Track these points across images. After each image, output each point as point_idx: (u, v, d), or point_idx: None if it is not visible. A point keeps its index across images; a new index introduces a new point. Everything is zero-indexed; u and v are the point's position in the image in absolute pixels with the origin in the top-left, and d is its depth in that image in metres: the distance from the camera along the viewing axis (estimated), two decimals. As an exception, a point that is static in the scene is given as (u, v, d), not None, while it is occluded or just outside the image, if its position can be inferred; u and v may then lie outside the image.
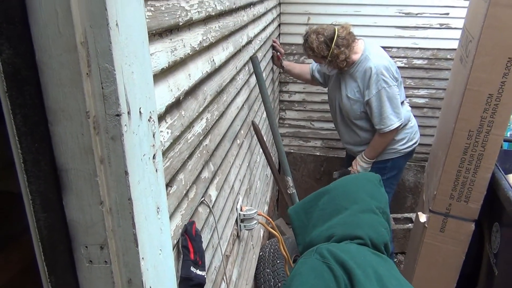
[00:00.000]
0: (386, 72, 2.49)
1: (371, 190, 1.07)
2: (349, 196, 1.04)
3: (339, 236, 0.97)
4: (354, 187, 1.07)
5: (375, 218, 1.01)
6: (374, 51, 2.61)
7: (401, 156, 2.76)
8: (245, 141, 1.97)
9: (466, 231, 2.06)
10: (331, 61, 2.56)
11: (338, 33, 2.56)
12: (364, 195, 1.05)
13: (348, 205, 1.02)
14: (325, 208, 1.05)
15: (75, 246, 0.73)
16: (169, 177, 0.97)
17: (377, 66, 2.50)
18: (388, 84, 2.48)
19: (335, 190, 1.08)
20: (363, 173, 1.21)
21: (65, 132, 0.65)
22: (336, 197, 1.06)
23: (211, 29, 1.28)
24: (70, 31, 0.60)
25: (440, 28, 3.22)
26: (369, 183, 1.10)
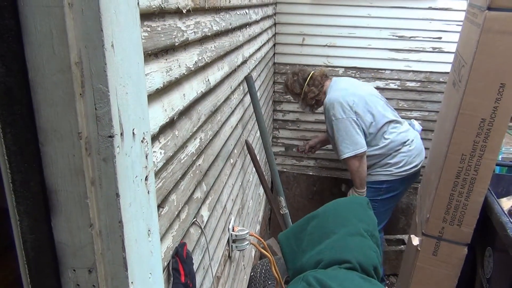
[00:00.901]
0: (337, 105, 2.66)
1: (360, 213, 1.08)
2: (337, 220, 1.04)
3: (327, 261, 0.96)
4: (342, 211, 1.08)
5: (363, 241, 1.01)
6: (335, 87, 2.80)
7: (398, 179, 2.77)
8: (238, 160, 1.96)
9: (459, 255, 2.05)
10: (303, 98, 2.87)
11: (313, 75, 2.85)
12: (353, 218, 1.05)
13: (336, 229, 1.02)
14: (314, 232, 1.05)
15: (62, 269, 0.71)
16: (161, 198, 0.95)
17: (329, 99, 2.72)
18: (336, 117, 2.66)
19: (324, 214, 1.08)
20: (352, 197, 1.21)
21: (56, 152, 0.64)
22: (325, 221, 1.06)
23: (207, 49, 1.28)
24: (64, 51, 0.59)
25: (432, 52, 3.27)
26: (357, 206, 1.10)
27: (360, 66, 3.40)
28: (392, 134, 2.72)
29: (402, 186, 2.82)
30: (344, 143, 2.66)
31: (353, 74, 3.43)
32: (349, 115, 2.62)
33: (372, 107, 2.69)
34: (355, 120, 2.63)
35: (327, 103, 2.72)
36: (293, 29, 3.38)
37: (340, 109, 2.64)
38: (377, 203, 2.84)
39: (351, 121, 2.63)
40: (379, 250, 1.03)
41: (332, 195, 3.78)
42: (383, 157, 2.75)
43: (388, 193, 2.82)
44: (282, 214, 2.25)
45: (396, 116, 2.85)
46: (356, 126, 2.63)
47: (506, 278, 1.75)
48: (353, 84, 2.85)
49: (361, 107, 2.65)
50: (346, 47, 3.36)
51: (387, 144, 2.71)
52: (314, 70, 2.91)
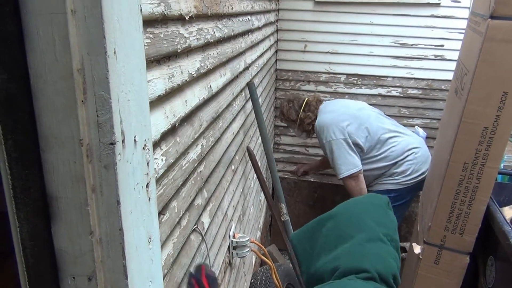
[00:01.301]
0: (327, 127, 2.70)
1: (378, 216, 1.00)
2: (355, 223, 0.98)
3: (344, 269, 0.90)
4: (359, 213, 1.01)
5: (382, 247, 0.93)
6: (324, 110, 2.85)
7: (406, 187, 2.75)
8: (239, 167, 1.96)
9: (461, 263, 2.03)
10: (300, 124, 2.91)
11: (307, 101, 2.91)
12: (371, 221, 0.97)
13: (354, 233, 0.95)
14: (329, 235, 0.99)
15: (62, 277, 0.70)
16: (162, 205, 0.95)
17: (319, 123, 2.77)
18: (327, 139, 2.69)
19: (340, 215, 1.01)
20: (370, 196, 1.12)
21: (57, 159, 0.64)
22: (341, 223, 0.99)
23: (209, 55, 1.28)
24: (67, 58, 0.59)
25: (435, 59, 3.27)
26: (376, 208, 1.03)
27: (362, 73, 3.40)
28: (392, 145, 2.71)
29: (410, 194, 2.81)
30: (338, 164, 2.68)
31: (355, 81, 3.43)
32: (339, 136, 2.65)
33: (364, 121, 2.71)
34: (346, 140, 2.64)
35: (317, 126, 2.77)
36: (295, 35, 3.39)
37: (330, 131, 2.67)
38: None
39: (342, 142, 2.65)
40: (398, 255, 0.97)
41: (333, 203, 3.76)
42: (388, 168, 2.74)
43: (396, 202, 2.81)
44: (283, 221, 2.24)
45: (394, 124, 2.85)
46: (347, 146, 2.65)
47: (508, 287, 1.74)
48: (341, 105, 2.88)
49: (352, 124, 2.67)
50: (348, 54, 3.37)
51: (388, 155, 2.71)
52: (308, 96, 2.97)
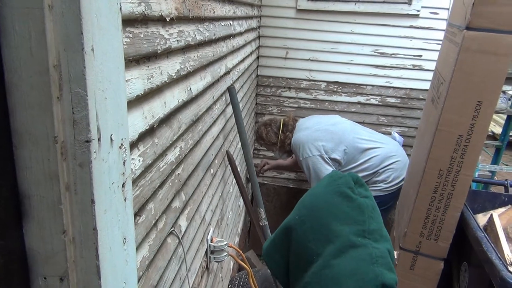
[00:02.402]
0: (302, 145, 2.75)
1: (345, 210, 0.83)
2: (319, 235, 0.81)
3: None
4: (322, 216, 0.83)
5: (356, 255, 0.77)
6: (299, 127, 2.89)
7: (389, 193, 2.79)
8: (219, 171, 1.95)
9: (435, 269, 2.07)
10: (281, 146, 2.92)
11: (284, 122, 2.94)
12: (337, 224, 0.80)
13: (320, 248, 0.80)
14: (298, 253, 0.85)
15: (32, 277, 0.69)
16: (138, 206, 0.94)
17: (294, 141, 2.84)
18: (303, 156, 2.75)
19: (303, 225, 0.85)
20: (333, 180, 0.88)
21: (30, 156, 0.63)
22: (305, 238, 0.83)
23: (189, 58, 1.28)
24: (43, 54, 0.58)
25: (413, 69, 3.33)
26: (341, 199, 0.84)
27: (342, 81, 3.44)
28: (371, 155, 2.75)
29: (392, 200, 2.85)
30: (315, 181, 2.72)
31: (335, 88, 3.47)
32: (315, 153, 2.70)
33: (340, 136, 2.75)
34: (321, 156, 2.69)
35: (293, 144, 2.82)
36: (277, 42, 3.41)
37: (306, 148, 2.72)
38: None
39: (318, 158, 2.69)
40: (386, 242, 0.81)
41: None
42: (370, 178, 2.78)
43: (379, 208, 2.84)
44: (262, 226, 2.24)
45: (370, 133, 2.90)
46: (323, 162, 2.69)
47: (481, 293, 1.78)
48: (315, 121, 2.93)
49: (327, 141, 2.71)
50: (328, 62, 3.40)
51: (368, 166, 2.75)
52: (283, 117, 3.02)
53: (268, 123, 2.98)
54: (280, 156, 3.04)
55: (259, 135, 3.01)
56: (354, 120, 3.47)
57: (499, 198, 2.37)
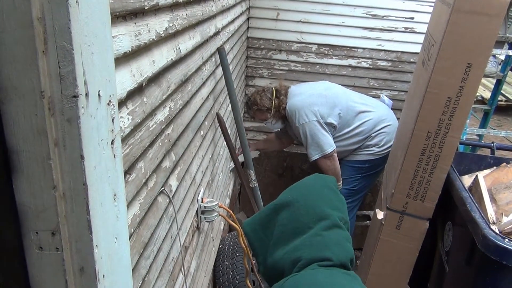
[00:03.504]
0: (298, 111, 2.72)
1: (332, 200, 1.01)
2: (312, 211, 0.97)
3: (306, 260, 0.91)
4: (315, 200, 1.00)
5: (340, 233, 0.95)
6: (293, 93, 2.86)
7: (380, 157, 2.84)
8: (209, 133, 1.95)
9: (421, 229, 2.13)
10: (276, 110, 2.86)
11: (276, 88, 2.90)
12: (327, 208, 0.98)
13: (312, 223, 0.95)
14: (286, 225, 0.98)
15: (24, 232, 0.70)
16: (128, 165, 0.94)
17: (289, 107, 2.80)
18: (299, 122, 2.72)
19: (296, 203, 1.00)
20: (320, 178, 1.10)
21: (17, 111, 0.62)
22: (298, 213, 0.98)
23: (178, 16, 1.25)
24: (26, 5, 0.57)
25: (404, 32, 3.31)
26: (329, 191, 1.03)
27: (333, 44, 3.41)
28: (363, 120, 2.78)
29: (384, 163, 2.89)
30: (312, 147, 2.72)
31: (326, 51, 3.44)
32: (312, 118, 2.68)
33: (334, 100, 2.75)
34: (318, 121, 2.68)
35: (288, 110, 2.78)
36: (267, 3, 3.34)
37: (302, 113, 2.69)
38: (357, 180, 2.92)
39: (315, 123, 2.68)
40: (351, 234, 1.01)
41: (301, 171, 3.83)
42: (363, 142, 2.81)
43: (371, 171, 2.91)
44: (252, 187, 2.27)
45: (361, 98, 2.91)
46: (320, 127, 2.68)
47: (463, 250, 1.84)
48: (308, 87, 2.91)
49: (322, 105, 2.70)
50: (319, 24, 3.36)
51: (362, 131, 2.78)
52: (274, 85, 3.00)
53: (261, 90, 2.94)
54: (274, 124, 2.98)
55: (253, 101, 2.93)
56: (344, 83, 3.47)
57: (485, 160, 2.42)
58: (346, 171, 2.94)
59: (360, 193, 3.05)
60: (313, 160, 2.76)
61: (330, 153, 2.69)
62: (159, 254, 1.24)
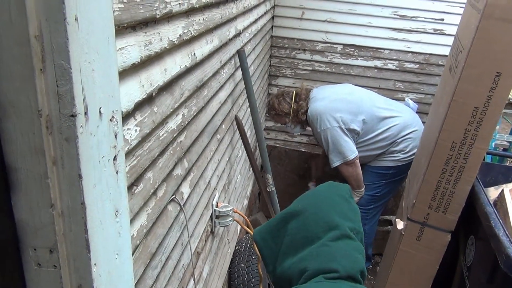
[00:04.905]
0: (320, 116, 2.65)
1: (344, 209, 0.98)
2: (321, 221, 0.94)
3: (312, 271, 0.88)
4: (326, 209, 0.96)
5: (350, 244, 0.92)
6: (316, 97, 2.79)
7: (405, 163, 2.75)
8: (226, 136, 1.93)
9: (442, 241, 2.05)
10: (294, 115, 2.81)
11: (297, 92, 2.84)
12: (337, 217, 0.95)
13: (321, 233, 0.92)
14: (295, 234, 0.95)
15: (23, 248, 0.69)
16: (135, 176, 0.93)
17: (311, 111, 2.72)
18: (321, 128, 2.66)
19: (305, 212, 0.96)
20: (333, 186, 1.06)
21: (15, 129, 0.61)
22: (307, 222, 0.95)
23: (194, 22, 1.23)
24: (23, 23, 0.55)
25: (433, 34, 3.20)
26: (341, 200, 1.00)
27: (359, 44, 3.34)
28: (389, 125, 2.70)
29: (408, 169, 2.79)
30: (333, 153, 2.67)
31: (352, 51, 3.37)
32: (334, 124, 2.61)
33: (357, 103, 2.68)
34: (340, 127, 2.61)
35: (310, 115, 2.72)
36: (292, 2, 3.29)
37: (324, 119, 2.63)
38: (381, 187, 2.85)
39: (337, 129, 2.61)
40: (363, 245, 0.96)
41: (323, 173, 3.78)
42: (387, 147, 2.74)
43: (395, 177, 2.84)
44: (269, 192, 2.24)
45: (387, 102, 2.83)
46: (342, 133, 2.62)
47: (485, 267, 1.76)
48: (331, 91, 2.84)
49: (345, 111, 2.63)
50: (345, 24, 3.29)
51: (386, 137, 2.71)
52: (295, 88, 2.93)
53: (280, 94, 2.90)
54: (293, 128, 2.94)
55: (271, 105, 2.91)
56: (369, 85, 3.40)
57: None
58: (369, 177, 2.88)
59: (383, 199, 2.99)
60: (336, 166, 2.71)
61: (352, 159, 2.63)
62: (168, 262, 1.23)
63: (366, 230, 3.05)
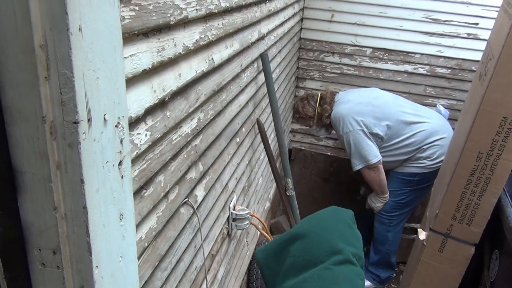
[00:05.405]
0: (343, 119, 2.62)
1: (347, 234, 0.99)
2: (325, 245, 0.95)
3: None
4: (329, 233, 0.98)
5: (352, 269, 0.93)
6: (340, 100, 2.76)
7: (432, 171, 2.68)
8: (247, 139, 1.94)
9: (466, 254, 1.99)
10: (318, 120, 2.81)
11: (321, 95, 2.82)
12: (341, 243, 0.95)
13: (324, 256, 0.93)
14: (298, 256, 0.96)
15: (28, 248, 0.71)
16: (144, 180, 0.94)
17: (334, 114, 2.70)
18: (343, 130, 2.62)
19: (309, 235, 0.98)
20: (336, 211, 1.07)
21: (21, 134, 0.63)
22: (310, 245, 0.96)
23: (212, 26, 1.24)
24: (28, 33, 0.57)
25: (467, 38, 3.11)
26: (343, 225, 1.01)
27: (389, 48, 3.27)
28: (415, 131, 2.64)
29: (435, 177, 2.70)
30: (355, 156, 2.63)
31: (381, 55, 3.31)
32: (356, 127, 2.58)
33: (382, 108, 2.63)
34: (363, 130, 2.57)
35: (333, 117, 2.70)
36: (322, 4, 3.26)
37: (347, 122, 2.60)
38: (406, 193, 2.79)
39: (359, 133, 2.58)
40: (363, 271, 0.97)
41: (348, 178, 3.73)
42: (413, 153, 2.68)
43: (420, 185, 2.77)
44: (288, 196, 2.24)
45: (415, 108, 2.76)
46: (365, 136, 2.58)
47: (509, 283, 1.70)
48: (357, 94, 2.80)
49: (369, 115, 2.59)
50: (376, 27, 3.23)
51: (412, 142, 2.64)
52: (320, 92, 2.90)
53: (305, 97, 2.89)
54: (317, 132, 2.94)
55: (295, 109, 2.93)
56: (399, 90, 3.33)
57: (545, 184, 2.22)
58: (394, 183, 2.82)
59: (408, 207, 2.91)
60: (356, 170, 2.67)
61: (374, 163, 2.59)
62: (179, 264, 1.24)
63: (389, 238, 2.99)
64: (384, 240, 3.00)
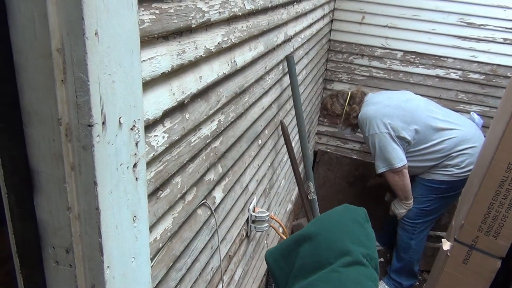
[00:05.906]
0: (370, 120, 2.58)
1: (358, 234, 0.95)
2: (334, 246, 0.92)
3: None
4: (338, 234, 0.94)
5: (362, 270, 0.89)
6: (369, 101, 2.72)
7: (460, 180, 2.59)
8: (269, 141, 1.93)
9: (491, 267, 1.93)
10: (345, 118, 2.79)
11: (352, 94, 2.78)
12: (350, 243, 0.92)
13: (332, 258, 0.90)
14: (307, 258, 0.94)
15: (43, 245, 0.73)
16: (161, 181, 0.95)
17: (362, 115, 2.66)
18: (369, 132, 2.58)
19: (318, 236, 0.94)
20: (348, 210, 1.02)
21: (38, 135, 0.65)
22: (319, 247, 0.93)
23: (235, 29, 1.24)
24: (46, 37, 0.58)
25: (503, 43, 3.01)
26: (355, 225, 0.97)
27: (420, 52, 3.20)
28: (445, 137, 2.56)
29: (463, 186, 2.60)
30: (380, 159, 2.59)
31: (412, 59, 3.24)
32: (383, 130, 2.53)
33: (411, 111, 2.57)
34: (389, 133, 2.52)
35: (360, 118, 2.66)
36: (353, 5, 3.22)
37: (374, 124, 2.56)
38: (431, 201, 2.73)
39: (385, 135, 2.53)
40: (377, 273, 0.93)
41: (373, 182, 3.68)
42: (441, 160, 2.61)
43: (446, 193, 2.69)
44: (310, 200, 2.22)
45: (446, 114, 2.68)
46: (390, 139, 2.53)
47: (537, 301, 1.64)
48: (386, 96, 2.74)
49: (397, 118, 2.54)
50: (407, 30, 3.17)
51: (441, 149, 2.57)
52: (351, 90, 2.86)
53: (335, 94, 2.86)
54: (343, 130, 2.91)
55: (324, 105, 2.90)
56: (429, 94, 3.25)
57: None
58: (419, 189, 2.76)
59: (433, 215, 2.84)
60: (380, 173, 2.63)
61: (399, 168, 2.53)
62: (195, 265, 1.25)
63: (413, 246, 2.92)
64: (407, 247, 2.94)
